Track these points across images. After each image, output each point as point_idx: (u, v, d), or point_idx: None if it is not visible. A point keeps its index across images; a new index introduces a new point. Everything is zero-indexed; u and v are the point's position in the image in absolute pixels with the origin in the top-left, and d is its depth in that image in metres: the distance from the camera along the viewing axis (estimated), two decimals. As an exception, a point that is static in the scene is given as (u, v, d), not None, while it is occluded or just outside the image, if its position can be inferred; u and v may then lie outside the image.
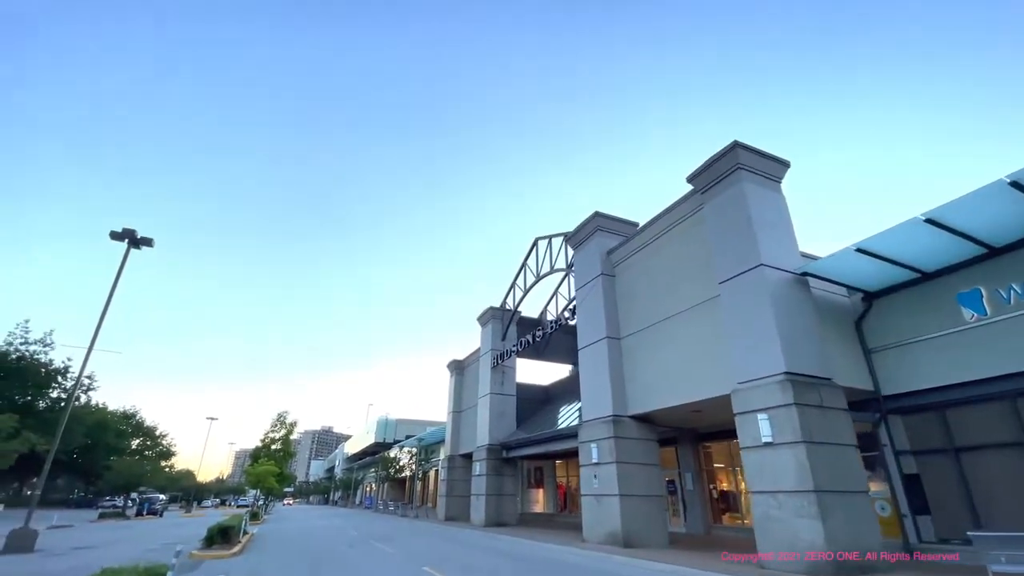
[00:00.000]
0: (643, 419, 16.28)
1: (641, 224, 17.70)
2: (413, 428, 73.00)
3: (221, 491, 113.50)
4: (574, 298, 22.45)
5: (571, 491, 29.19)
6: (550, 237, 24.39)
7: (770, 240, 12.31)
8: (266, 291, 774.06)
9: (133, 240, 21.73)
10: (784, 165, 13.81)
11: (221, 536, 16.14)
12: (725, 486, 19.02)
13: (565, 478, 29.17)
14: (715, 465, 19.70)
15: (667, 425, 17.05)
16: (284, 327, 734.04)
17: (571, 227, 20.29)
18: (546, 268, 24.38)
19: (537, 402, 28.78)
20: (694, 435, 19.63)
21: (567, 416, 24.98)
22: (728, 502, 19.03)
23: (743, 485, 18.16)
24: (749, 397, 11.28)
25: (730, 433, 18.62)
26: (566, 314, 21.46)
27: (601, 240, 18.77)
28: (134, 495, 51.01)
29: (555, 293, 28.75)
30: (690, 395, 13.96)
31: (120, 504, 49.31)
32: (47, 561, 13.68)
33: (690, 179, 14.30)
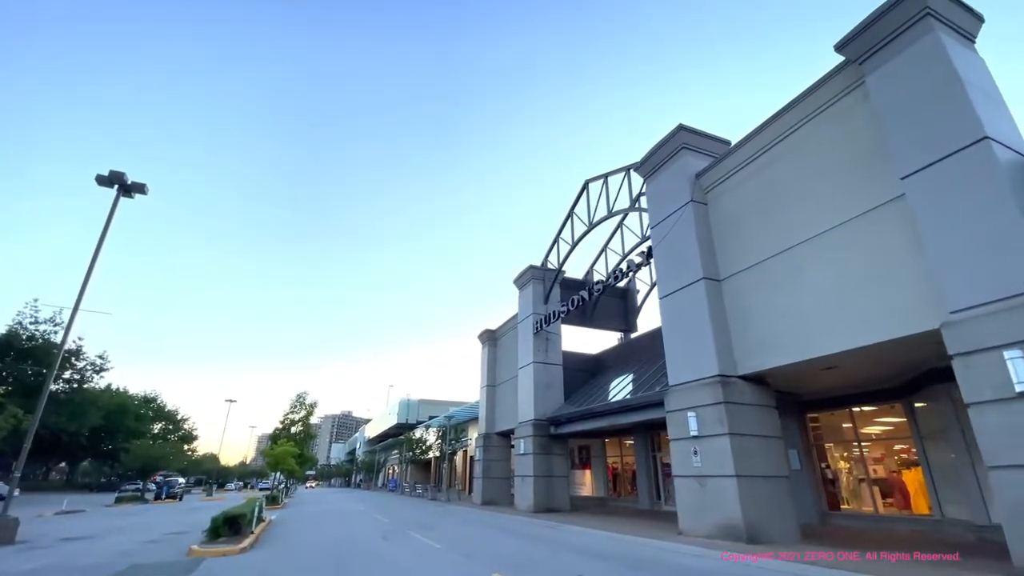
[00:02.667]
0: (756, 380, 12.69)
1: (735, 142, 13.89)
2: (435, 409, 70.57)
3: (244, 474, 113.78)
4: (641, 244, 18.78)
5: (620, 473, 25.87)
6: (605, 176, 20.60)
7: (988, 109, 8.46)
8: (284, 277, 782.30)
9: (123, 186, 18.55)
10: (978, 20, 9.87)
11: (228, 527, 13.10)
12: (843, 466, 15.41)
13: (619, 458, 25.79)
14: (825, 442, 16.10)
15: (778, 389, 13.42)
16: (302, 312, 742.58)
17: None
18: (602, 212, 20.63)
19: (585, 373, 25.30)
20: (798, 403, 16.00)
21: (620, 388, 21.53)
22: (835, 486, 15.48)
23: (871, 465, 14.53)
24: (981, 329, 7.55)
25: (851, 400, 15.03)
26: (636, 258, 17.78)
27: (687, 161, 14.98)
28: (159, 479, 49.45)
29: (605, 247, 25.13)
30: (842, 342, 10.22)
31: (139, 488, 47.71)
32: (13, 559, 10.78)
33: (841, 46, 10.40)
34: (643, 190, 17.12)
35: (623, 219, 24.11)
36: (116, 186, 18.61)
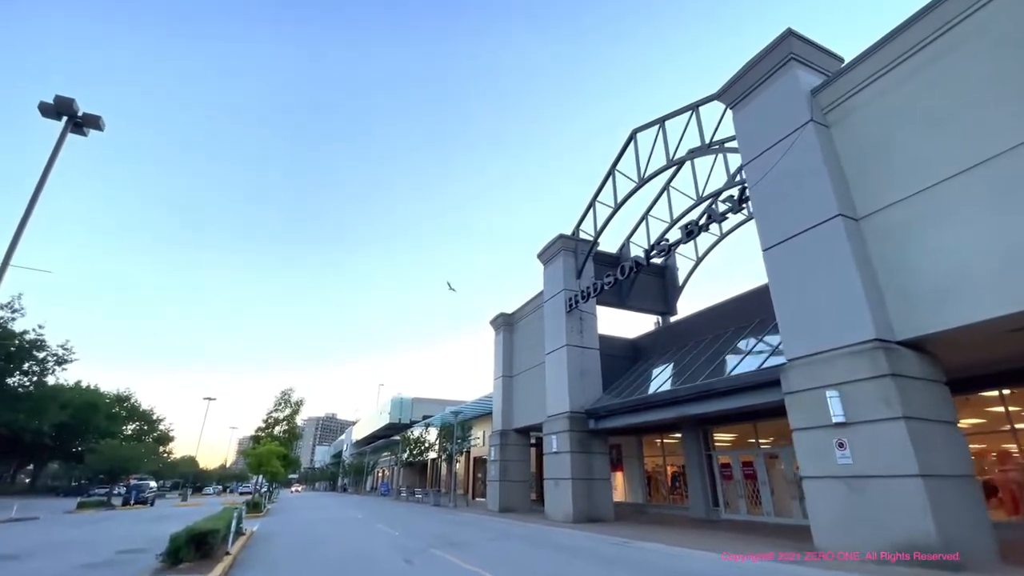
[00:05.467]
0: (915, 347, 9.42)
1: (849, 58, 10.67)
2: (431, 407, 66.73)
3: (224, 478, 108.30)
4: (731, 181, 15.38)
5: (655, 475, 22.55)
6: (661, 120, 17.30)
7: None
8: (267, 278, 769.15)
9: (73, 118, 14.78)
10: None
11: (194, 547, 9.44)
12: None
13: (660, 457, 22.43)
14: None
15: (949, 363, 10.09)
16: (285, 313, 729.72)
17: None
18: (658, 163, 17.28)
19: (624, 360, 21.88)
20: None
21: (665, 377, 18.28)
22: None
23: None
24: None
25: (1005, 378, 11.81)
26: (720, 205, 14.44)
27: (796, 75, 11.73)
28: (134, 482, 45.01)
29: (647, 214, 21.83)
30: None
31: (105, 492, 43.23)
32: None
33: None
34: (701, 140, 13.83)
35: (671, 178, 20.85)
36: (64, 118, 14.76)
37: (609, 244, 23.41)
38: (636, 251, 22.95)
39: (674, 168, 19.21)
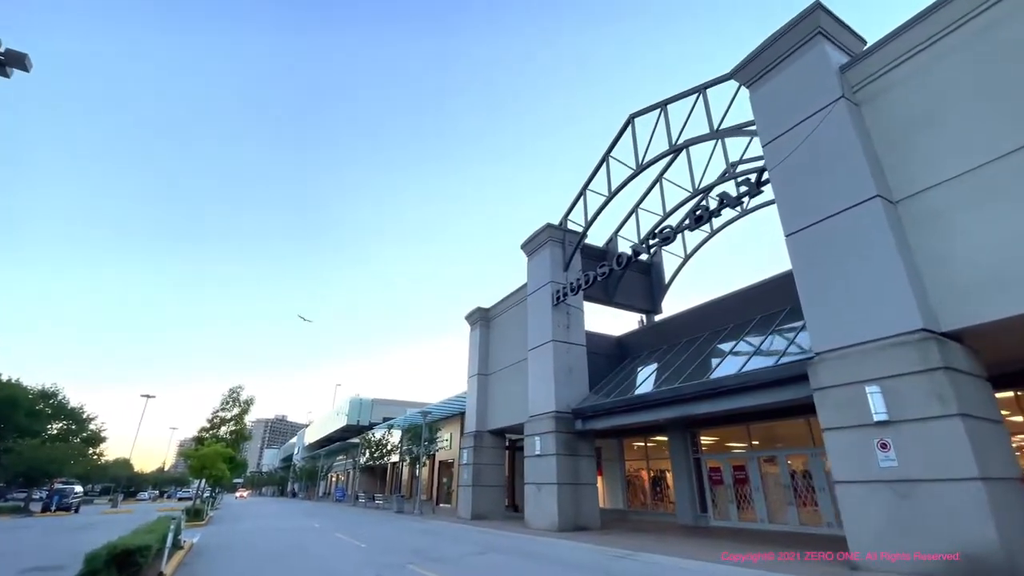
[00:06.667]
0: (960, 341, 8.68)
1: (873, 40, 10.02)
2: (392, 409, 64.22)
3: (161, 482, 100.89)
4: (731, 172, 14.53)
5: (635, 480, 21.61)
6: (663, 104, 16.39)
7: None
8: (209, 279, 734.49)
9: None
10: None
11: (117, 569, 7.52)
12: None
13: (642, 461, 21.47)
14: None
15: (994, 356, 9.41)
16: (236, 312, 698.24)
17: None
18: (659, 147, 16.34)
19: (609, 359, 20.81)
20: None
21: (653, 377, 17.42)
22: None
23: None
24: None
25: None
26: (733, 189, 13.54)
27: (823, 51, 10.97)
28: (57, 486, 40.71)
29: (637, 207, 21.00)
30: None
31: (23, 497, 38.85)
32: None
33: None
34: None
35: (666, 168, 20.05)
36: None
37: (594, 239, 22.35)
38: (624, 246, 22.05)
39: (670, 158, 18.39)
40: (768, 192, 16.06)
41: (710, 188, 18.89)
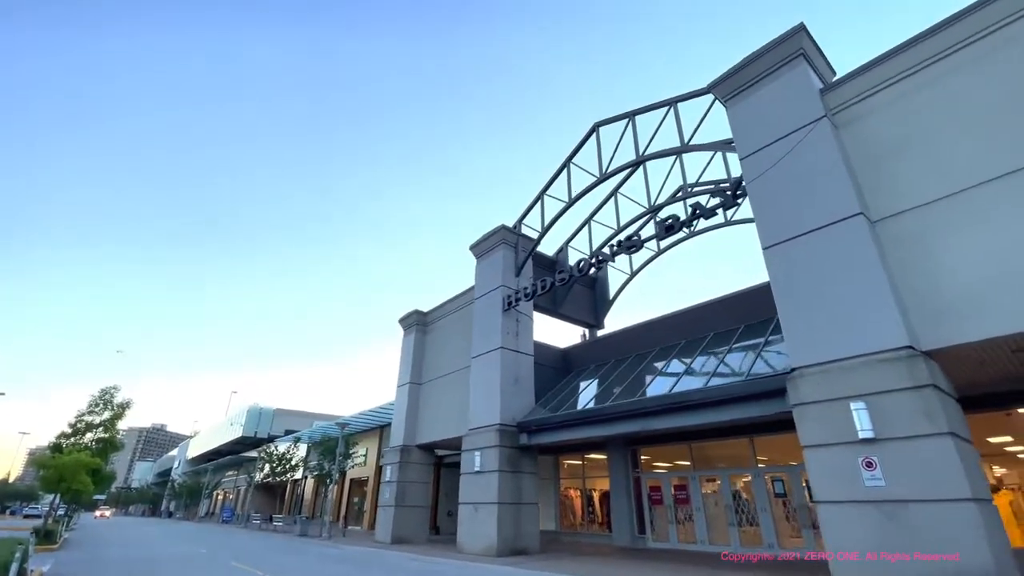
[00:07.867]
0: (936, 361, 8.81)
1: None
2: (297, 421, 58.90)
3: (5, 495, 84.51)
4: (686, 190, 14.39)
5: (566, 500, 20.89)
6: (631, 115, 16.23)
7: None
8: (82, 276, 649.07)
9: None
10: None
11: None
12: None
13: (581, 479, 20.72)
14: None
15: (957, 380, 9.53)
16: (110, 313, 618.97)
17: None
18: (625, 157, 16.07)
19: (555, 371, 20.01)
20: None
21: (587, 392, 17.14)
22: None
23: None
24: None
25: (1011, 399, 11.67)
26: (708, 200, 13.35)
27: (805, 71, 11.21)
28: None
29: (590, 219, 20.75)
30: None
31: None
32: None
33: None
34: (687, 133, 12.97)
35: (622, 182, 20.04)
36: None
37: (544, 248, 21.73)
38: (574, 256, 21.65)
39: (628, 171, 18.34)
40: (731, 212, 16.48)
41: (662, 207, 19.03)
